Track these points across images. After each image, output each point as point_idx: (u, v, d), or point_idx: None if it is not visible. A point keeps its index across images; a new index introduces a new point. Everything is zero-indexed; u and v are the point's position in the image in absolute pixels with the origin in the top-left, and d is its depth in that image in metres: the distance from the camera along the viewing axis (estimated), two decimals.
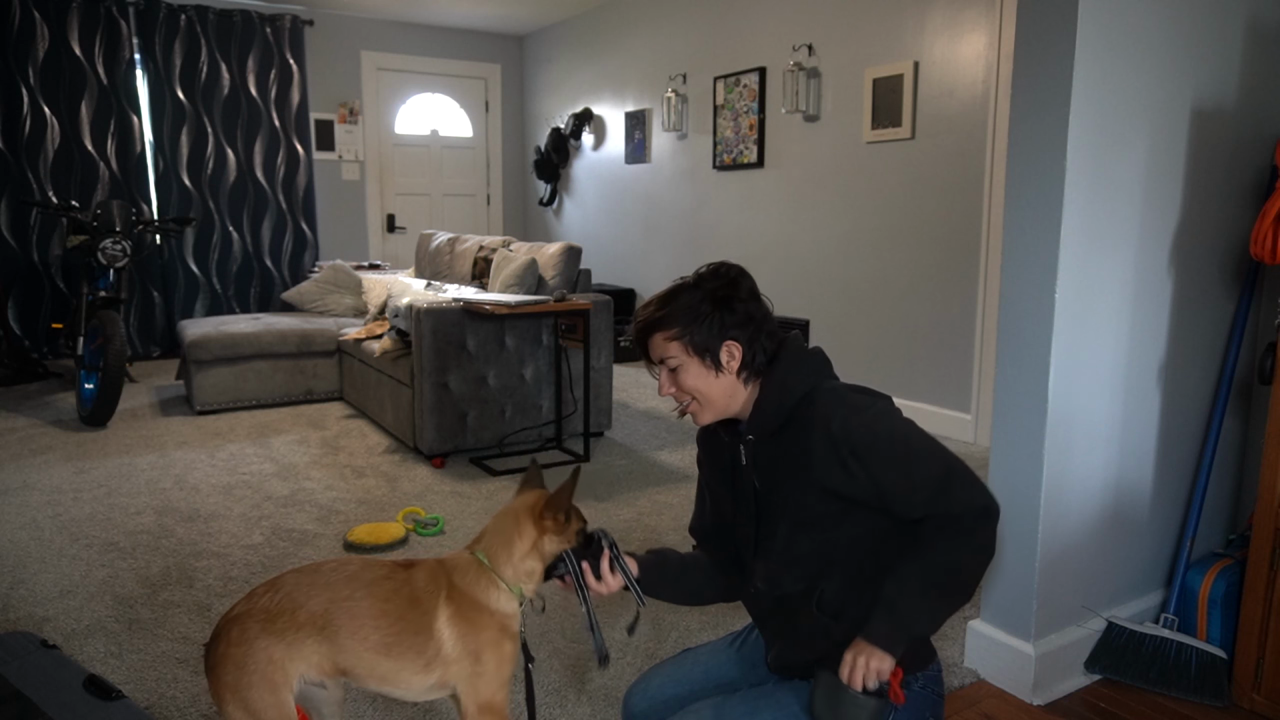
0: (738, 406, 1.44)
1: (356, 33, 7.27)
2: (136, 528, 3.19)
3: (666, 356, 1.42)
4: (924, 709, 1.43)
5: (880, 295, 4.72)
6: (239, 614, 1.37)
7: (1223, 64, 2.18)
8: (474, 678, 1.40)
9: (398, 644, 1.38)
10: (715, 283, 1.42)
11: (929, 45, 4.33)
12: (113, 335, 4.42)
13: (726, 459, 1.51)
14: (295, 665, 1.35)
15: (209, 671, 1.37)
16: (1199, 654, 2.15)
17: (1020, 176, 2.02)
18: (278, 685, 1.34)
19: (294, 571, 1.41)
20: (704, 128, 5.94)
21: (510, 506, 1.48)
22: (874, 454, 1.31)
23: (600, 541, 1.46)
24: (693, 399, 1.43)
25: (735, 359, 1.40)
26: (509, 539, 1.44)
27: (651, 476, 3.83)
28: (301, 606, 1.36)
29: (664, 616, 2.50)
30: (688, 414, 1.46)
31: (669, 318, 1.41)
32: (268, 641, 1.34)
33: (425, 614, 1.39)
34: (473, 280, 4.98)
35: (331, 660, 1.37)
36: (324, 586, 1.38)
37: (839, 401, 1.35)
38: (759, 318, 1.42)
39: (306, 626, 1.35)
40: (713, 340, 1.39)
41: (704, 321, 1.39)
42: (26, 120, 6.04)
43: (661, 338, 1.42)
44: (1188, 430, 2.33)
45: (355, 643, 1.36)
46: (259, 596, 1.38)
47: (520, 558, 1.43)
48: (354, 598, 1.37)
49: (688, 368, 1.40)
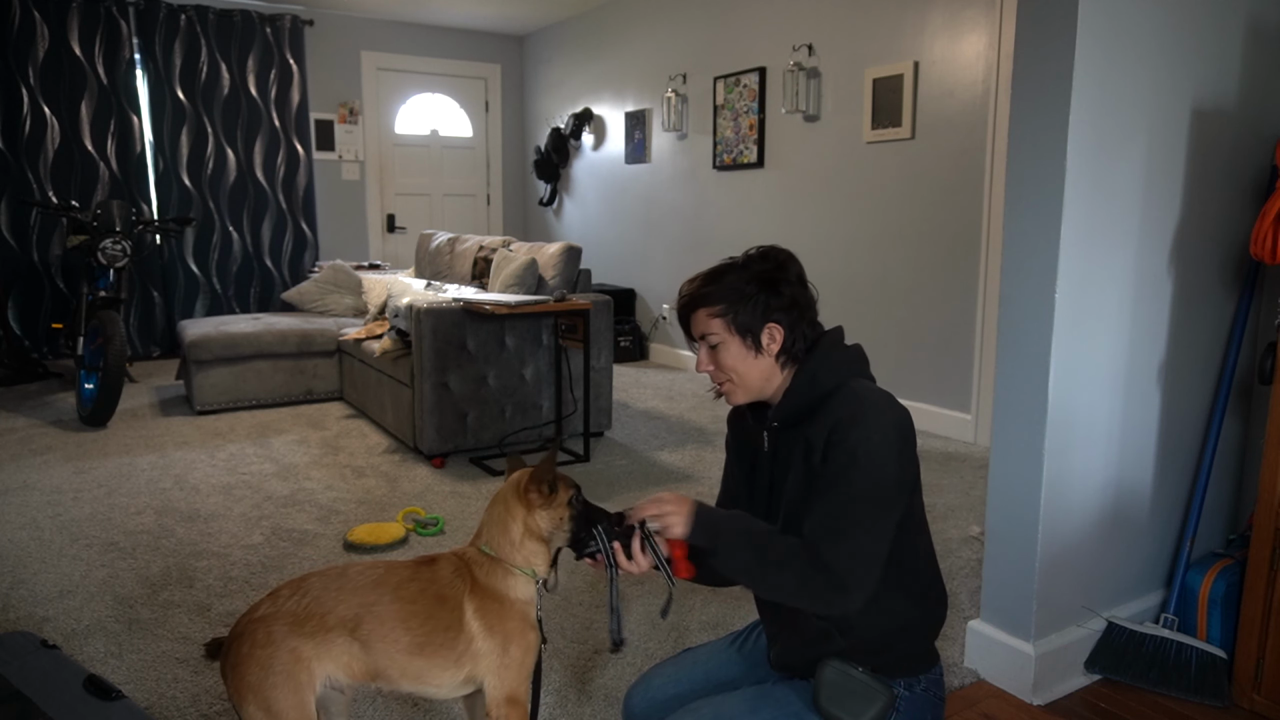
0: (771, 390, 1.44)
1: (356, 33, 7.27)
2: (136, 528, 3.19)
3: (708, 333, 1.42)
4: (925, 711, 1.43)
5: (880, 295, 4.72)
6: (265, 615, 1.36)
7: (1223, 64, 2.18)
8: (501, 670, 1.41)
9: (429, 643, 1.38)
10: (763, 265, 1.42)
11: (929, 45, 4.33)
12: (113, 335, 4.42)
13: (749, 445, 1.52)
14: (323, 665, 1.35)
15: (230, 670, 1.35)
16: (1199, 654, 2.15)
17: (1020, 176, 2.02)
18: (301, 685, 1.33)
19: (319, 575, 1.41)
20: (704, 128, 5.94)
21: (499, 492, 1.49)
22: (831, 460, 1.31)
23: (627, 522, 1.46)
24: (729, 378, 1.43)
25: (776, 342, 1.41)
26: (504, 525, 1.44)
27: (651, 476, 3.82)
28: (330, 611, 1.36)
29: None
30: (723, 394, 1.47)
31: (714, 294, 1.41)
32: (296, 642, 1.33)
33: (453, 610, 1.40)
34: (473, 280, 4.98)
35: (362, 663, 1.37)
36: (351, 592, 1.38)
37: (855, 402, 1.35)
38: (803, 304, 1.43)
39: (336, 629, 1.35)
40: (755, 321, 1.40)
41: (749, 301, 1.39)
42: (26, 120, 6.04)
43: (705, 314, 1.42)
44: (1188, 430, 2.33)
45: (387, 645, 1.37)
46: (284, 599, 1.37)
47: (519, 540, 1.43)
48: (381, 602, 1.38)
49: (728, 346, 1.41)
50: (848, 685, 1.32)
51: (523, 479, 1.44)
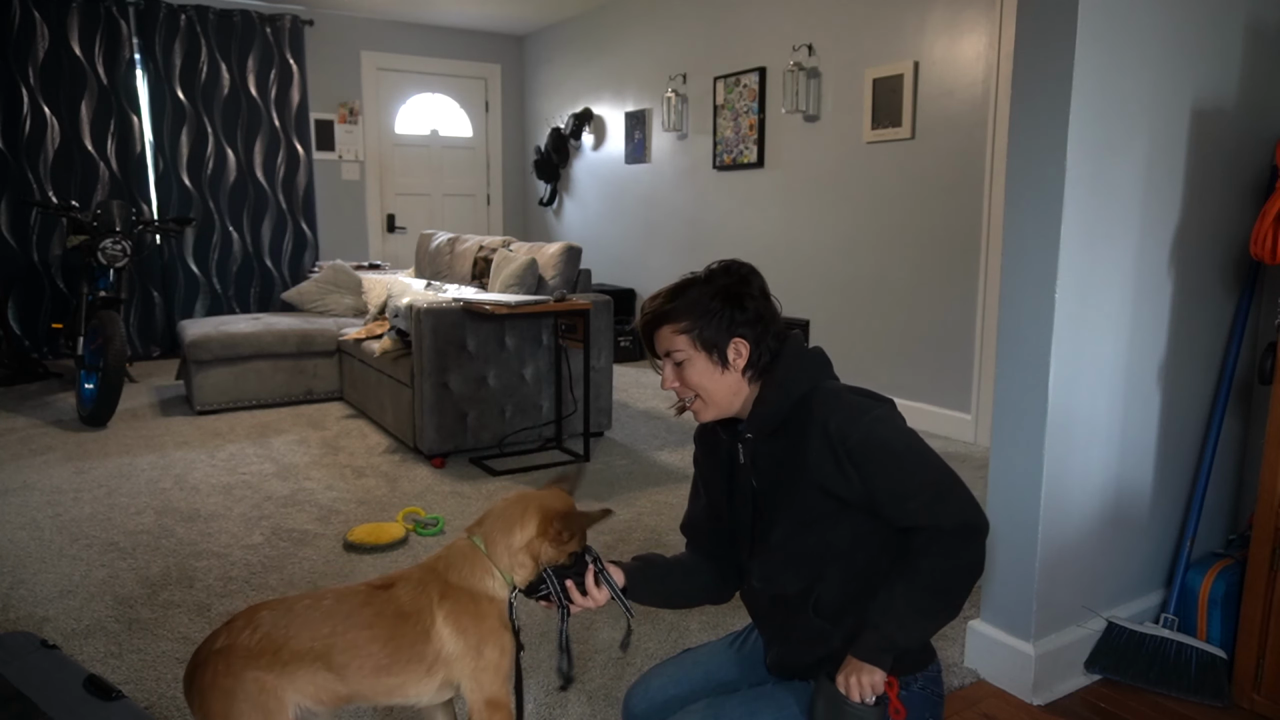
0: (739, 404, 1.43)
1: (356, 33, 7.27)
2: (136, 528, 3.19)
3: (673, 350, 1.41)
4: (923, 709, 1.43)
5: (880, 295, 4.72)
6: (222, 647, 1.34)
7: (1223, 64, 2.18)
8: (478, 673, 1.40)
9: (395, 661, 1.37)
10: (727, 279, 1.41)
11: (929, 45, 4.33)
12: (113, 335, 4.42)
13: (724, 456, 1.51)
14: (289, 695, 1.33)
15: (195, 696, 1.33)
16: (1199, 654, 2.15)
17: (1020, 176, 2.02)
18: (271, 712, 1.31)
19: (268, 609, 1.38)
20: (704, 128, 5.94)
21: (526, 495, 1.47)
22: (869, 459, 1.30)
23: (584, 557, 1.45)
24: (696, 396, 1.42)
25: (742, 357, 1.40)
26: (511, 527, 1.43)
27: (651, 476, 3.82)
28: (284, 646, 1.34)
29: (664, 617, 2.50)
30: (688, 411, 1.46)
31: (679, 311, 1.40)
32: (257, 672, 1.32)
33: (417, 624, 1.38)
34: (473, 280, 4.99)
35: (332, 691, 1.36)
36: (303, 626, 1.35)
37: (837, 402, 1.35)
38: (768, 317, 1.41)
39: (293, 663, 1.33)
40: (721, 336, 1.39)
41: (714, 317, 1.39)
42: (26, 120, 6.04)
43: (670, 330, 1.41)
44: (1188, 430, 2.33)
45: (352, 671, 1.35)
46: (238, 630, 1.35)
47: (517, 548, 1.42)
48: (336, 632, 1.35)
49: (694, 362, 1.40)
50: (841, 701, 1.32)
51: (557, 511, 1.42)
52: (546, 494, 1.48)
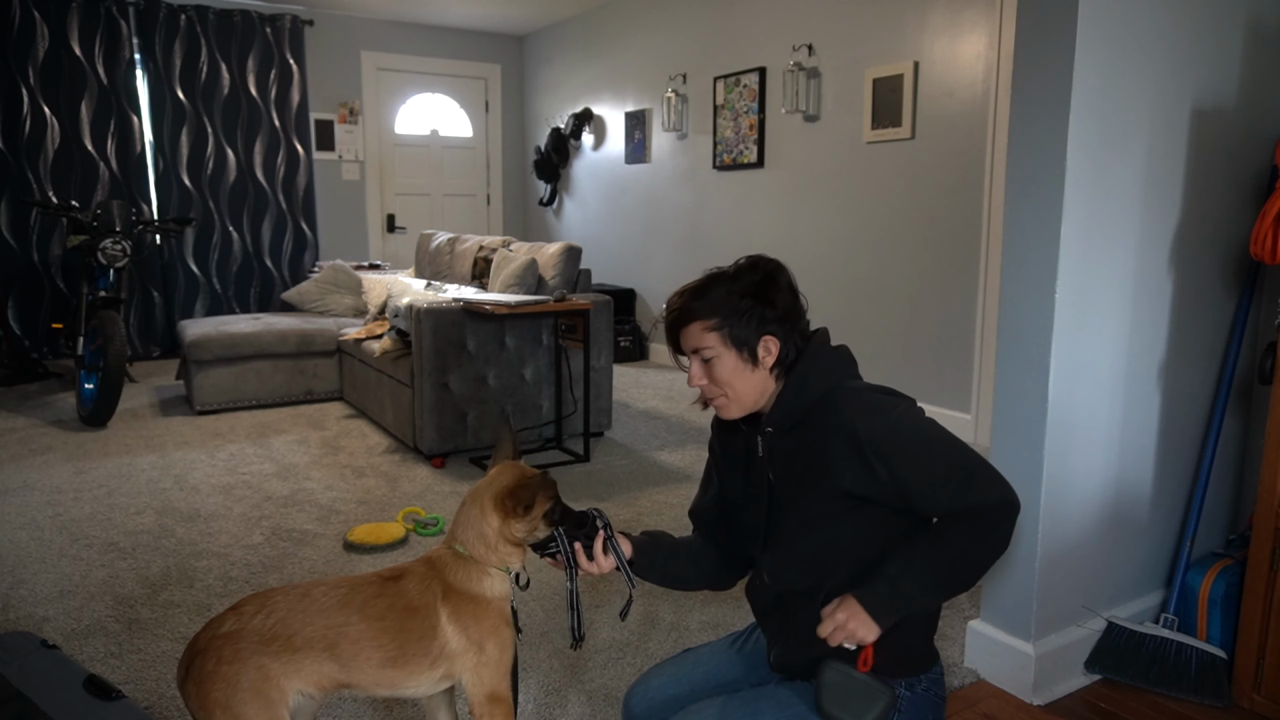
0: (765, 401, 1.43)
1: (356, 33, 7.27)
2: (136, 528, 3.19)
3: (702, 347, 1.40)
4: (926, 711, 1.43)
5: (880, 295, 4.71)
6: (231, 631, 1.33)
7: (1223, 64, 2.18)
8: (479, 668, 1.41)
9: (402, 654, 1.37)
10: (754, 276, 1.41)
11: (929, 45, 4.33)
12: (113, 335, 4.42)
13: (741, 447, 1.51)
14: (292, 681, 1.33)
15: (192, 686, 1.32)
16: (1199, 654, 2.15)
17: (1020, 176, 2.02)
18: (273, 701, 1.31)
19: (283, 594, 1.38)
20: (704, 128, 5.94)
21: (475, 491, 1.46)
22: (897, 452, 1.30)
23: (595, 521, 1.46)
24: (723, 393, 1.42)
25: (771, 354, 1.39)
26: (479, 530, 1.43)
27: (651, 476, 3.82)
28: (297, 633, 1.34)
29: (663, 616, 2.50)
30: (712, 406, 1.45)
31: (707, 308, 1.39)
32: (264, 660, 1.31)
33: (425, 619, 1.39)
34: (473, 280, 4.98)
35: (334, 679, 1.36)
36: (318, 613, 1.36)
37: (860, 402, 1.35)
38: (795, 314, 1.41)
39: (303, 650, 1.33)
40: (751, 334, 1.38)
41: (744, 315, 1.38)
42: (26, 120, 6.04)
43: (700, 328, 1.40)
44: (1188, 430, 2.33)
45: (360, 662, 1.36)
46: (249, 615, 1.35)
47: (494, 543, 1.42)
48: (350, 623, 1.36)
49: (723, 360, 1.39)
50: (849, 686, 1.32)
51: (501, 491, 1.42)
52: (494, 475, 1.46)
